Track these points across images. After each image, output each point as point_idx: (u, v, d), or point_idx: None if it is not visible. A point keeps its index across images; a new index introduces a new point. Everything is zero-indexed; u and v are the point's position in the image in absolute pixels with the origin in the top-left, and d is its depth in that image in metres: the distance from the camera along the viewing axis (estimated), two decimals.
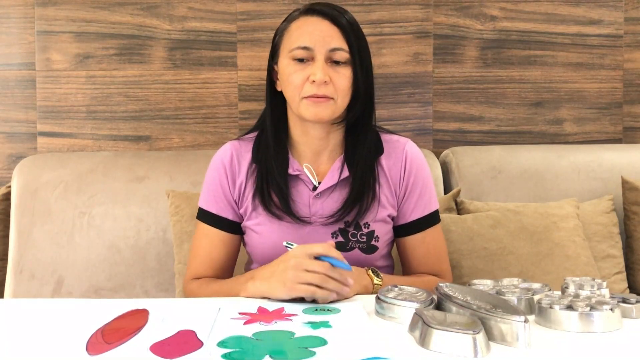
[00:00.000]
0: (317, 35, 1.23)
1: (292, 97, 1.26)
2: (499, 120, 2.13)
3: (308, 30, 1.24)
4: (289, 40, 1.27)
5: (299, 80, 1.24)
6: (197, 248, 1.36)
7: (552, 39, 2.12)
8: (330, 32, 1.24)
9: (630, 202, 1.83)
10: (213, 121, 2.06)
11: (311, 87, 1.23)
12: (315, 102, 1.24)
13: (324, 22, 1.25)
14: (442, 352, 0.83)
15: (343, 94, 1.26)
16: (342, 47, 1.24)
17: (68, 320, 1.00)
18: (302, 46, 1.24)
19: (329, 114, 1.25)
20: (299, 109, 1.26)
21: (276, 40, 1.31)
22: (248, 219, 1.33)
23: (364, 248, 1.30)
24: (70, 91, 2.04)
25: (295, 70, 1.25)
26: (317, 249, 1.10)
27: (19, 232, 1.78)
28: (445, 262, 1.39)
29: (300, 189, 1.31)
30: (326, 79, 1.22)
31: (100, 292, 1.74)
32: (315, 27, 1.24)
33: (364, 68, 1.28)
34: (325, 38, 1.23)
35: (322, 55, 1.23)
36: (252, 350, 0.84)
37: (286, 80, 1.26)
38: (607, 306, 0.94)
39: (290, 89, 1.26)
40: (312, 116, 1.25)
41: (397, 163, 1.34)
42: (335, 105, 1.26)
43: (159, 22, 2.04)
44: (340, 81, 1.24)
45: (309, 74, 1.23)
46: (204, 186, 1.37)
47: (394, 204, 1.34)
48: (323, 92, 1.23)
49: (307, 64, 1.25)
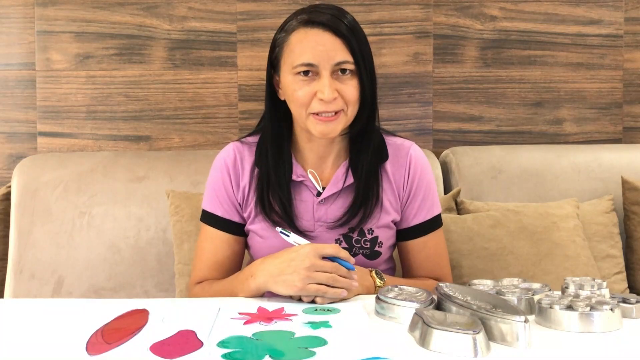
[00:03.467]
0: (321, 50, 1.19)
1: (299, 113, 1.24)
2: (499, 120, 2.13)
3: (310, 46, 1.20)
4: (290, 56, 1.23)
5: (306, 98, 1.21)
6: (201, 251, 1.34)
7: (552, 39, 2.12)
8: (334, 46, 1.20)
9: (630, 202, 1.83)
10: (213, 121, 2.06)
11: (319, 104, 1.20)
12: (324, 121, 1.22)
13: (326, 34, 1.20)
14: (442, 352, 0.83)
15: (352, 104, 1.23)
16: (347, 59, 1.21)
17: (68, 320, 1.00)
18: (306, 63, 1.20)
19: (338, 130, 1.24)
20: (306, 124, 1.24)
21: (276, 52, 1.27)
22: (252, 222, 1.32)
23: (367, 254, 1.29)
24: (70, 91, 2.04)
25: (301, 87, 1.21)
26: (328, 250, 1.11)
27: (19, 232, 1.78)
28: (447, 266, 1.38)
29: (303, 195, 1.30)
30: (335, 96, 1.20)
31: (100, 292, 1.74)
32: (318, 42, 1.20)
33: (369, 74, 1.25)
34: (329, 52, 1.20)
35: (327, 71, 1.20)
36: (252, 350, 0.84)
37: (291, 95, 1.23)
38: (607, 306, 0.94)
39: (296, 105, 1.23)
40: (320, 133, 1.23)
41: (401, 167, 1.33)
42: (346, 118, 1.24)
43: (159, 22, 2.04)
44: (348, 92, 1.22)
45: (316, 90, 1.20)
46: (207, 188, 1.35)
47: (397, 208, 1.33)
48: (333, 108, 1.21)
49: (312, 78, 1.21)
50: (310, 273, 1.07)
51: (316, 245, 1.12)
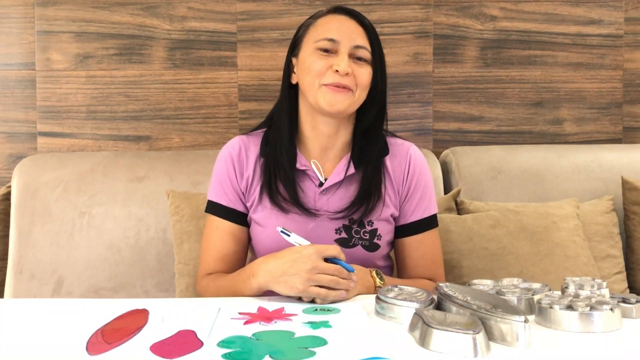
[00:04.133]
0: (344, 30, 1.29)
1: (311, 84, 1.29)
2: (499, 120, 2.13)
3: (335, 26, 1.30)
4: (314, 33, 1.31)
5: (321, 68, 1.28)
6: (207, 242, 1.37)
7: (552, 39, 2.12)
8: (357, 30, 1.30)
9: (630, 202, 1.83)
10: (213, 121, 2.06)
11: (333, 76, 1.27)
12: (334, 90, 1.27)
13: (351, 21, 1.31)
14: (442, 352, 0.83)
15: (362, 88, 1.30)
16: (366, 46, 1.30)
17: (68, 320, 1.00)
18: (329, 38, 1.28)
19: (345, 105, 1.28)
20: (316, 96, 1.28)
21: (299, 34, 1.36)
22: (254, 211, 1.34)
23: (366, 245, 1.31)
24: (70, 91, 2.04)
25: (319, 58, 1.28)
26: (330, 252, 1.12)
27: (19, 232, 1.78)
28: (441, 267, 1.40)
29: (306, 184, 1.33)
30: (349, 71, 1.26)
31: (100, 292, 1.74)
32: (342, 24, 1.30)
33: (381, 70, 1.34)
34: (352, 35, 1.29)
35: (346, 49, 1.28)
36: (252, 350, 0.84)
37: (307, 67, 1.29)
38: (607, 306, 0.94)
39: (310, 75, 1.28)
40: (328, 105, 1.27)
41: (401, 165, 1.37)
42: (353, 98, 1.29)
43: (159, 22, 2.04)
44: (361, 75, 1.29)
45: (332, 64, 1.27)
46: (213, 179, 1.38)
47: (396, 204, 1.36)
48: (345, 82, 1.27)
49: (331, 56, 1.28)
50: (312, 275, 1.08)
51: (319, 247, 1.12)
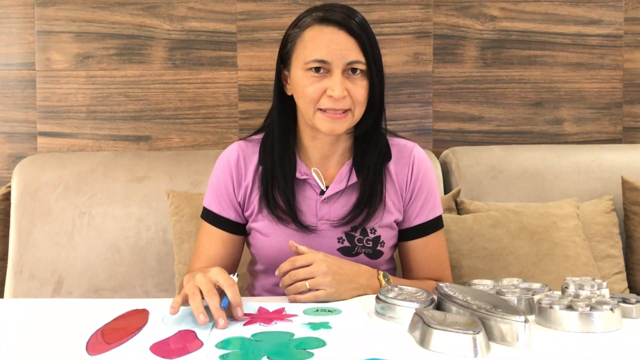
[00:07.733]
0: (334, 48, 1.21)
1: (307, 109, 1.24)
2: (499, 120, 2.13)
3: (324, 43, 1.21)
4: (303, 51, 1.23)
5: (315, 94, 1.22)
6: (198, 245, 1.37)
7: (552, 39, 2.12)
8: (347, 45, 1.21)
9: (630, 202, 1.83)
10: (213, 121, 2.06)
11: (328, 101, 1.21)
12: (332, 118, 1.22)
13: (340, 33, 1.22)
14: (442, 352, 0.83)
15: (360, 104, 1.24)
16: (359, 59, 1.22)
17: (68, 320, 1.00)
18: (319, 59, 1.21)
19: (345, 127, 1.25)
20: (313, 120, 1.25)
21: (287, 48, 1.28)
22: (254, 220, 1.32)
23: (369, 253, 1.30)
24: (70, 91, 2.04)
25: (311, 83, 1.22)
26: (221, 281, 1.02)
27: (19, 232, 1.78)
28: (447, 268, 1.38)
29: (307, 193, 1.30)
30: (344, 94, 1.21)
31: (100, 292, 1.74)
32: (332, 40, 1.21)
33: (379, 75, 1.27)
34: (343, 51, 1.21)
35: (339, 69, 1.21)
36: (250, 351, 0.84)
37: (300, 91, 1.24)
38: (607, 306, 0.94)
39: (305, 101, 1.23)
40: (327, 130, 1.24)
41: (404, 167, 1.34)
42: (352, 118, 1.25)
43: (159, 22, 2.04)
44: (357, 92, 1.23)
45: (326, 87, 1.21)
46: (209, 185, 1.37)
47: (400, 208, 1.34)
48: (341, 106, 1.22)
49: (323, 75, 1.22)
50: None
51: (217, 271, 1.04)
